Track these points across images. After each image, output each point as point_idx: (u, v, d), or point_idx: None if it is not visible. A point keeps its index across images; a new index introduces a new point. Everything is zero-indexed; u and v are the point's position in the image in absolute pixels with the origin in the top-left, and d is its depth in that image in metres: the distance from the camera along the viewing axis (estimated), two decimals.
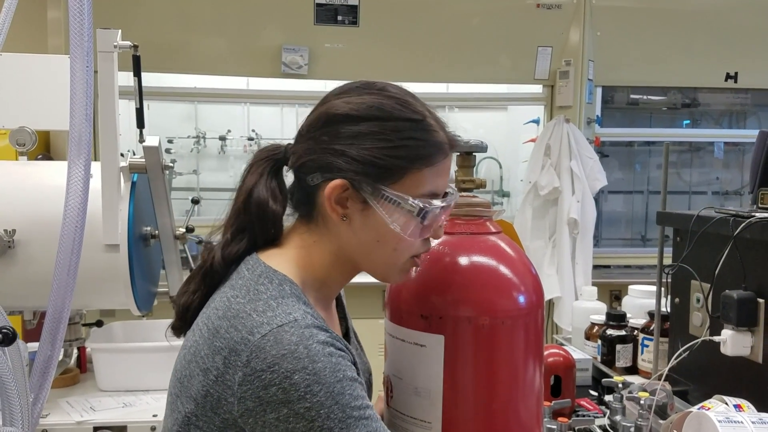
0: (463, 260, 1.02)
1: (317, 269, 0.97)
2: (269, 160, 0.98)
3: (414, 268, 0.99)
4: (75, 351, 2.02)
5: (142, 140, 1.72)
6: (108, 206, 1.69)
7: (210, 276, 0.97)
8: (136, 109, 1.74)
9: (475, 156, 1.10)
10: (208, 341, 0.88)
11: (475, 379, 0.99)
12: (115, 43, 1.64)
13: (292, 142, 0.99)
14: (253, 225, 0.96)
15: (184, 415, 0.89)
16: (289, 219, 1.02)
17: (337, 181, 0.90)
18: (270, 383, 0.81)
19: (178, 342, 0.99)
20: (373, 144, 0.90)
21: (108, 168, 1.70)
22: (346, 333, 1.14)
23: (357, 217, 0.93)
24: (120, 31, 1.66)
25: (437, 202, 0.93)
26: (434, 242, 1.04)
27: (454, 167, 1.11)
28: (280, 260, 0.95)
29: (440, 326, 0.99)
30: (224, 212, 1.00)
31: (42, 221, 1.73)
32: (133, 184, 1.78)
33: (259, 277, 0.91)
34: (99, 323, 2.02)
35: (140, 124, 1.77)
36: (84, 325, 2.02)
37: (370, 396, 1.07)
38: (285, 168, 1.00)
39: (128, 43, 1.64)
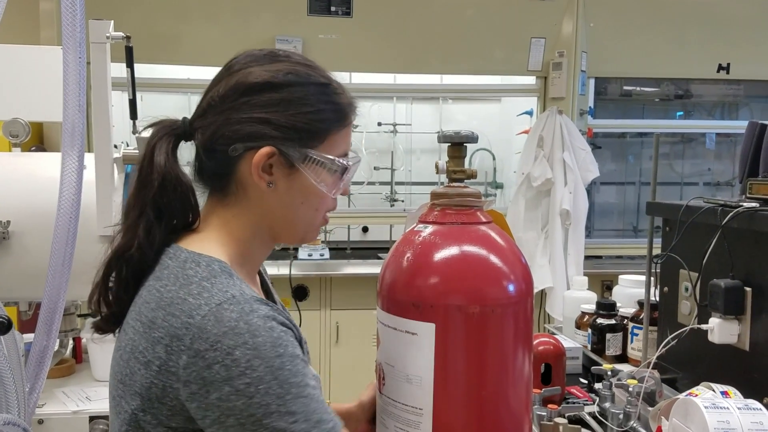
0: (454, 250, 1.03)
1: (240, 244, 0.97)
2: (170, 136, 0.96)
3: (323, 225, 1.04)
4: (71, 342, 2.03)
5: (135, 131, 1.73)
6: (102, 197, 1.70)
7: (136, 264, 0.94)
8: (129, 100, 1.75)
9: (465, 147, 1.11)
10: (144, 335, 0.87)
11: (466, 366, 1.00)
12: (108, 34, 1.64)
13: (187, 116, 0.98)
14: (174, 206, 0.95)
15: (131, 413, 0.89)
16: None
17: (265, 149, 0.92)
18: (213, 362, 0.81)
19: None
20: (297, 109, 0.93)
21: (101, 159, 1.70)
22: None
23: (282, 182, 0.95)
24: (112, 22, 1.66)
25: (353, 160, 1.00)
26: (426, 231, 1.05)
27: (445, 158, 1.13)
28: (202, 243, 0.94)
29: (431, 314, 1.00)
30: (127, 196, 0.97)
31: (36, 212, 1.74)
32: (127, 175, 1.79)
33: (185, 263, 0.90)
34: (94, 314, 2.02)
35: (133, 115, 1.77)
36: (79, 315, 2.03)
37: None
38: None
39: (121, 34, 1.64)
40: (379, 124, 4.47)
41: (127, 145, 2.33)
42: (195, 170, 0.99)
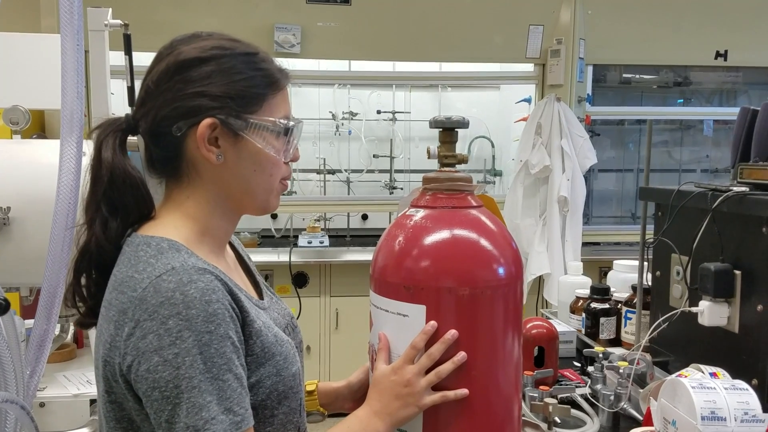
0: (445, 233, 1.05)
1: (197, 222, 0.98)
2: (116, 132, 0.99)
3: (280, 194, 1.04)
4: (71, 326, 2.06)
5: None
6: None
7: (99, 259, 0.97)
8: (128, 87, 1.76)
9: (456, 132, 1.12)
10: (104, 317, 0.91)
11: (456, 347, 1.02)
12: (106, 22, 1.66)
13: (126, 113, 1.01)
14: (125, 199, 0.97)
15: (102, 396, 0.92)
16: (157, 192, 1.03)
17: (205, 121, 0.94)
18: (149, 331, 0.83)
19: None
20: (229, 79, 0.95)
21: None
22: (256, 286, 1.14)
23: (231, 153, 0.97)
24: (110, 9, 1.67)
25: (294, 121, 1.02)
26: (417, 215, 1.07)
27: (437, 143, 1.15)
28: (158, 228, 0.96)
29: (422, 296, 1.02)
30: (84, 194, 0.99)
31: (36, 199, 1.75)
32: None
33: (138, 246, 0.93)
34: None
35: (132, 102, 1.78)
36: None
37: (299, 341, 1.10)
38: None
39: (119, 21, 1.66)
40: (378, 112, 4.48)
41: None
42: (146, 162, 1.01)
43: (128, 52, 1.74)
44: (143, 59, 1.89)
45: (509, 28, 3.87)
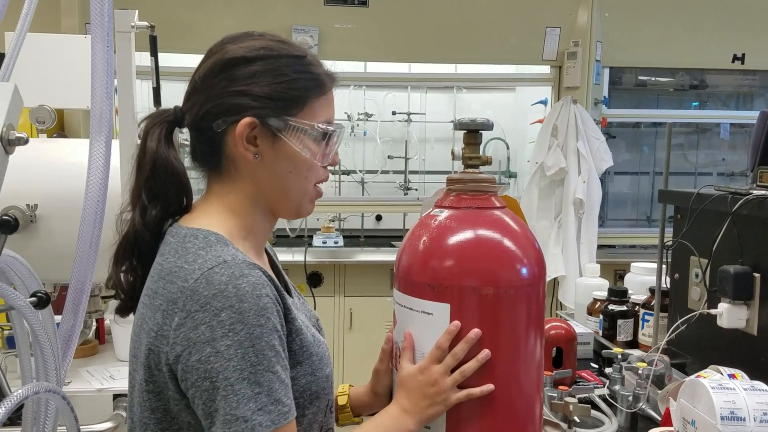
0: (469, 233, 1.07)
1: (239, 217, 1.01)
2: (163, 123, 1.02)
3: (315, 199, 1.07)
4: (94, 323, 2.09)
5: None
6: (126, 182, 1.74)
7: (137, 246, 1.01)
8: (153, 88, 1.79)
9: (481, 134, 1.14)
10: (149, 306, 0.93)
11: (479, 346, 1.04)
12: (133, 24, 1.69)
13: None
14: (166, 188, 1.00)
15: (139, 385, 0.94)
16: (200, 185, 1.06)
17: (245, 120, 0.96)
18: (201, 322, 0.85)
19: None
20: (273, 80, 0.97)
21: (126, 145, 1.75)
22: (286, 287, 1.16)
23: (268, 153, 0.98)
24: (137, 11, 1.70)
25: (335, 127, 1.03)
26: (442, 215, 1.09)
27: (461, 144, 1.16)
28: (202, 220, 0.99)
29: (446, 295, 1.04)
30: (128, 183, 1.03)
31: (62, 197, 1.79)
32: None
33: (185, 238, 0.95)
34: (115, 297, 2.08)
35: (157, 102, 1.82)
36: (103, 297, 2.09)
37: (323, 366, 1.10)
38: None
39: (145, 23, 1.69)
40: (394, 113, 4.49)
41: None
42: (190, 154, 1.05)
43: (154, 54, 1.77)
44: (160, 60, 1.93)
45: (525, 30, 3.87)
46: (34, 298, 0.89)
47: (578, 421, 1.38)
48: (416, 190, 4.59)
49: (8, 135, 0.90)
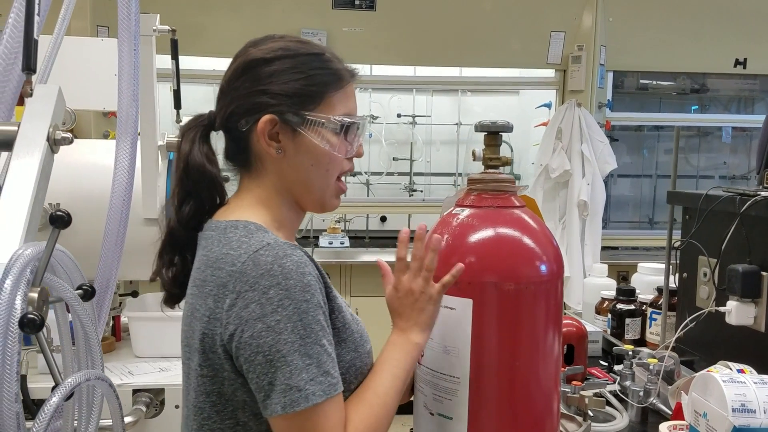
0: (490, 231, 1.11)
1: (270, 209, 1.06)
2: (197, 127, 1.07)
3: (341, 193, 1.10)
4: (111, 320, 2.13)
5: (179, 120, 1.81)
6: (147, 182, 1.79)
7: (174, 241, 1.07)
8: (174, 90, 1.83)
9: (501, 135, 1.18)
10: (198, 295, 0.98)
11: (500, 340, 1.08)
12: (154, 28, 1.73)
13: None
14: (199, 187, 1.06)
15: (194, 371, 0.99)
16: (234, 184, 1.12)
17: (265, 117, 1.01)
18: (251, 301, 0.90)
19: None
20: (290, 77, 1.02)
21: (147, 146, 1.79)
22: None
23: (290, 147, 1.03)
24: (158, 15, 1.74)
25: (356, 119, 1.05)
26: (463, 214, 1.13)
27: (481, 146, 1.20)
28: (238, 213, 1.04)
29: (469, 291, 1.07)
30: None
31: (83, 197, 1.83)
32: (170, 162, 1.87)
33: (225, 229, 1.01)
34: (134, 294, 2.12)
35: (177, 104, 1.86)
36: (121, 295, 2.12)
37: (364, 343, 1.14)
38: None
39: (167, 27, 1.73)
40: (399, 115, 4.53)
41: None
42: (224, 154, 1.10)
43: (175, 57, 1.81)
44: (167, 62, 1.97)
45: (530, 34, 3.92)
46: (80, 291, 0.93)
47: (591, 414, 1.41)
48: (421, 191, 4.63)
49: (54, 135, 0.94)
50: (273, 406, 0.89)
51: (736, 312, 1.45)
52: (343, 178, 1.11)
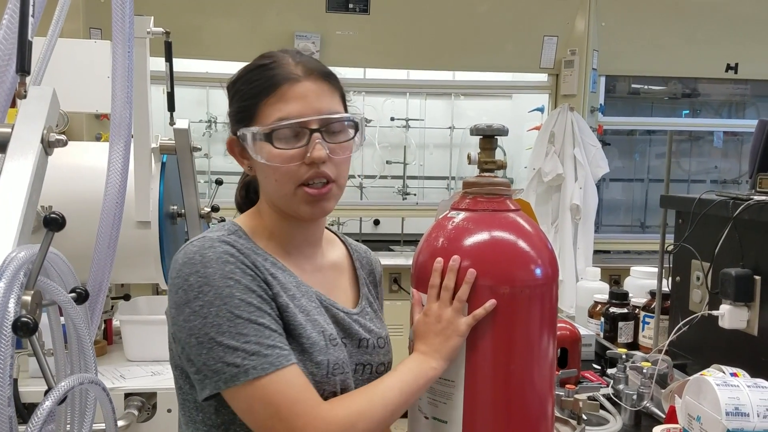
0: (485, 234, 1.11)
1: (263, 218, 1.09)
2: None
3: (312, 200, 1.02)
4: (102, 323, 2.12)
5: (172, 123, 1.81)
6: (140, 185, 1.78)
7: None
8: (168, 93, 1.82)
9: (496, 139, 1.18)
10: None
11: (495, 343, 1.07)
12: (148, 30, 1.72)
13: None
14: (240, 192, 1.19)
15: (173, 370, 1.04)
16: None
17: (228, 140, 1.08)
18: (178, 287, 0.94)
19: None
20: (236, 96, 1.05)
21: (140, 149, 1.78)
22: (357, 298, 1.21)
23: (253, 163, 1.05)
24: (152, 18, 1.74)
25: (274, 123, 0.98)
26: (458, 217, 1.13)
27: (475, 149, 1.20)
28: (242, 216, 1.12)
29: None
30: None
31: (74, 199, 1.81)
32: (163, 164, 1.87)
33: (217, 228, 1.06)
34: (126, 297, 2.11)
35: (171, 107, 1.85)
36: (113, 299, 2.11)
37: (379, 362, 1.14)
38: None
39: (161, 29, 1.72)
40: (392, 119, 4.54)
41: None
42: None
43: (169, 59, 1.81)
44: (160, 64, 1.96)
45: (523, 39, 3.94)
46: (74, 294, 0.92)
47: (585, 418, 1.42)
48: (414, 195, 4.63)
49: (48, 137, 0.94)
50: (215, 383, 0.91)
51: (729, 316, 1.45)
52: (312, 183, 1.02)
